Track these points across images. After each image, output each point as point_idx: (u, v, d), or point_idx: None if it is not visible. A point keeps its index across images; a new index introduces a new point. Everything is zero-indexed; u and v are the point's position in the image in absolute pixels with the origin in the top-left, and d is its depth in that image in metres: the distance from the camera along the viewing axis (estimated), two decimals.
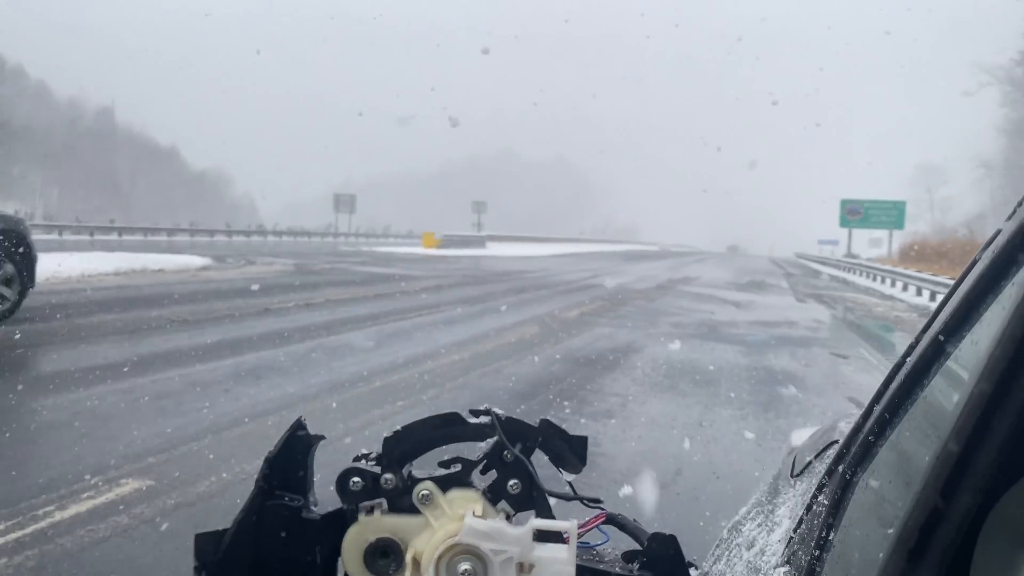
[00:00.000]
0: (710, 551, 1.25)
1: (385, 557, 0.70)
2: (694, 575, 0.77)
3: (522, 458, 0.71)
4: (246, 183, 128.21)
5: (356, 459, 0.73)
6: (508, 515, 0.70)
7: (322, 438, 0.76)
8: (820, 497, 0.92)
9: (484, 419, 0.73)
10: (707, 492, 4.28)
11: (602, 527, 0.76)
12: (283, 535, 0.72)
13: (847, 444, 0.92)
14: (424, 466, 0.72)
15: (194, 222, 52.10)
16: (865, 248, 56.52)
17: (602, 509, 0.76)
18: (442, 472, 0.71)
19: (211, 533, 0.71)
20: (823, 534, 0.81)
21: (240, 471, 4.11)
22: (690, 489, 4.35)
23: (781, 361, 9.13)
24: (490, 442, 0.71)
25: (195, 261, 20.14)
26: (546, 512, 0.70)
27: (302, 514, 0.72)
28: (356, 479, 0.70)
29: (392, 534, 0.69)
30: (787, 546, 0.96)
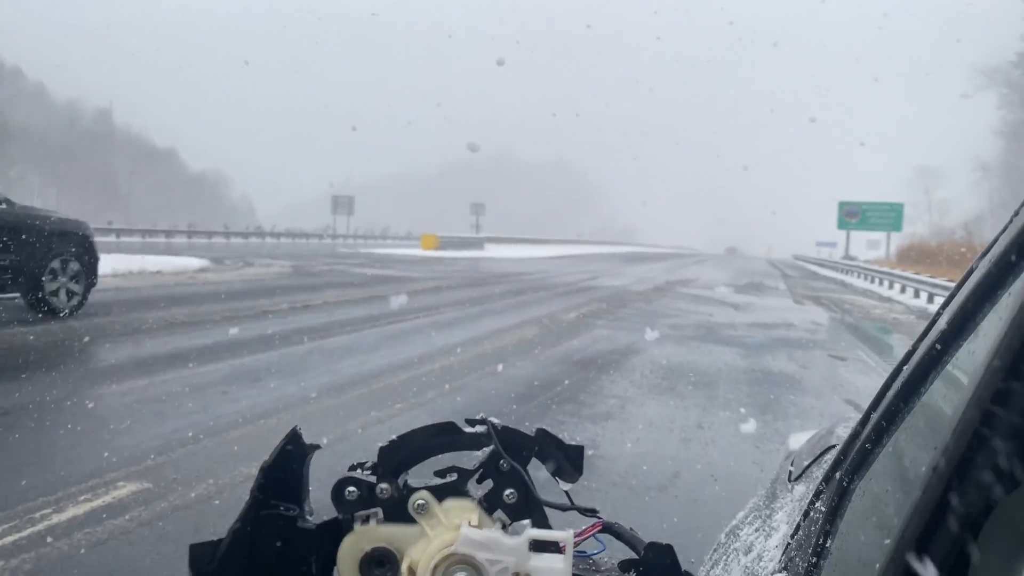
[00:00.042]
0: (707, 555, 1.25)
1: (381, 567, 0.69)
2: None
3: (518, 467, 0.71)
4: (244, 184, 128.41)
5: (351, 468, 0.72)
6: (504, 525, 0.70)
7: (318, 447, 0.75)
8: (817, 503, 0.92)
9: (480, 428, 0.72)
10: (705, 495, 4.28)
11: (598, 536, 0.76)
12: (278, 545, 0.71)
13: (844, 451, 0.92)
14: (420, 475, 0.72)
15: (192, 224, 52.00)
16: (863, 250, 56.59)
17: (599, 518, 0.76)
18: (438, 481, 0.71)
19: (206, 543, 0.71)
20: (820, 541, 0.81)
21: (237, 473, 4.11)
22: (688, 492, 4.35)
23: (779, 363, 9.13)
24: (486, 451, 0.71)
25: (193, 263, 20.10)
26: (542, 521, 0.70)
27: (297, 523, 0.72)
28: (351, 488, 0.70)
29: (388, 544, 0.69)
30: (784, 552, 0.96)
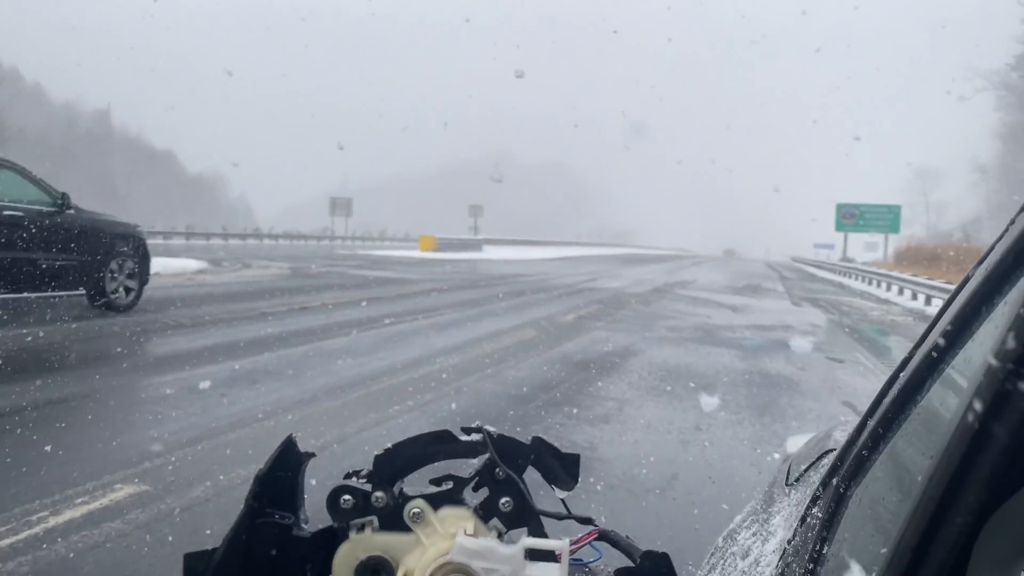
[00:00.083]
0: (705, 559, 1.24)
1: (376, 575, 0.69)
2: None
3: (514, 476, 0.70)
4: (243, 186, 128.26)
5: (347, 476, 0.72)
6: (500, 533, 0.69)
7: (313, 455, 0.75)
8: (814, 509, 0.92)
9: (476, 436, 0.72)
10: (703, 497, 4.28)
11: (595, 544, 0.76)
12: (273, 553, 0.71)
13: (841, 457, 0.91)
14: (415, 483, 0.72)
15: (190, 225, 51.89)
16: (861, 252, 56.61)
17: (595, 526, 0.76)
18: (434, 490, 0.70)
19: (201, 552, 0.71)
20: (817, 547, 0.81)
21: (235, 475, 4.11)
22: (686, 494, 4.35)
23: (777, 365, 9.14)
24: (482, 459, 0.71)
25: (191, 264, 20.07)
26: (538, 530, 0.70)
27: (292, 532, 0.72)
28: (347, 497, 0.70)
29: (383, 552, 0.69)
30: (781, 558, 0.95)
